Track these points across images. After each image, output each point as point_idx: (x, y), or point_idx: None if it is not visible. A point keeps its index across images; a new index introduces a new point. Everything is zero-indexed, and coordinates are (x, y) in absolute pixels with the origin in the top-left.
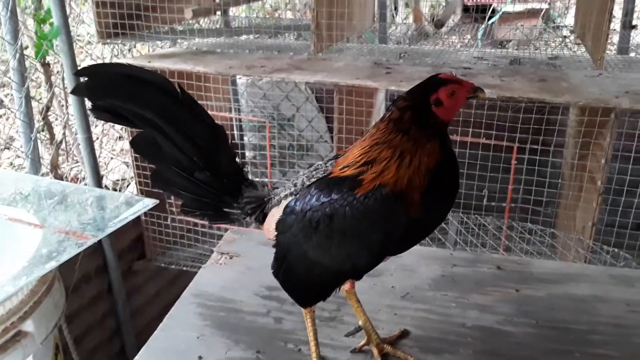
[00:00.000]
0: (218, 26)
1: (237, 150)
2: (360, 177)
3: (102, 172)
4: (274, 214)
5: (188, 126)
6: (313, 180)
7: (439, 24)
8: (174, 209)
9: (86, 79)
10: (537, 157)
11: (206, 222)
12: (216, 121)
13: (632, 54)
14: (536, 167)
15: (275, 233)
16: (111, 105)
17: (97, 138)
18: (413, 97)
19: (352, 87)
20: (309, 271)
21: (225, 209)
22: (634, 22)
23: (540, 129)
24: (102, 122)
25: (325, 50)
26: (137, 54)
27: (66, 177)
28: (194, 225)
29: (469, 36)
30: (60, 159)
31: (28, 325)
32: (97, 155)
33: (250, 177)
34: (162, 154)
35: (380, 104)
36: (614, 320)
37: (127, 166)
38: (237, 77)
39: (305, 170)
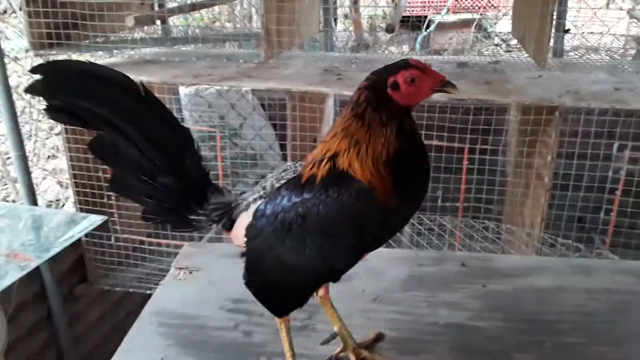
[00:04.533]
0: (158, 36)
1: (202, 154)
2: (327, 173)
3: None
4: (243, 220)
5: (151, 127)
6: (283, 181)
7: (389, 28)
8: (117, 227)
9: (41, 76)
10: (487, 157)
11: (153, 240)
12: None
13: (572, 55)
14: (486, 167)
15: (245, 239)
16: (68, 105)
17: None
18: (374, 76)
19: (304, 93)
20: (284, 276)
21: (189, 216)
22: (566, 27)
23: (489, 129)
24: (32, 140)
25: (275, 57)
26: None
27: None
28: (140, 243)
29: (406, 46)
30: None
31: None
32: None
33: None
34: (122, 157)
35: (330, 110)
36: (577, 308)
37: (61, 186)
38: (180, 87)
39: (274, 172)
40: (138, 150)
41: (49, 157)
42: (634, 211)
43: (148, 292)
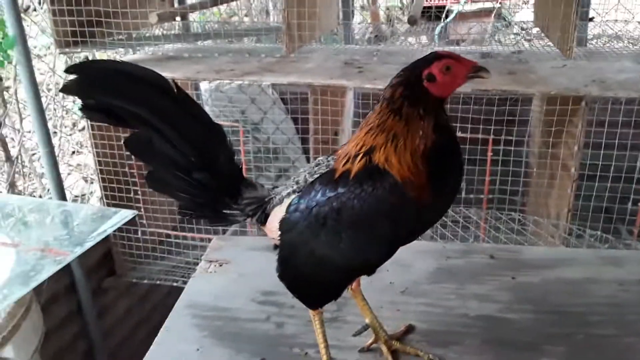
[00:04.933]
0: (178, 32)
1: (235, 149)
2: (363, 168)
3: None
4: (277, 214)
5: (184, 125)
6: (316, 176)
7: (412, 19)
8: (144, 222)
9: (76, 76)
10: (512, 148)
11: (179, 233)
12: None
13: (595, 43)
14: (511, 158)
15: (279, 233)
16: (103, 104)
17: None
18: (405, 72)
19: (326, 87)
20: (319, 270)
21: (224, 211)
22: (590, 15)
23: (514, 120)
24: (57, 136)
25: (296, 51)
26: None
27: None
28: (166, 237)
29: (424, 37)
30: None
31: (7, 352)
32: None
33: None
34: (157, 154)
35: (350, 104)
36: (608, 300)
37: (86, 181)
38: (201, 82)
39: (306, 167)
40: (173, 147)
41: (73, 152)
42: None
43: (174, 284)
